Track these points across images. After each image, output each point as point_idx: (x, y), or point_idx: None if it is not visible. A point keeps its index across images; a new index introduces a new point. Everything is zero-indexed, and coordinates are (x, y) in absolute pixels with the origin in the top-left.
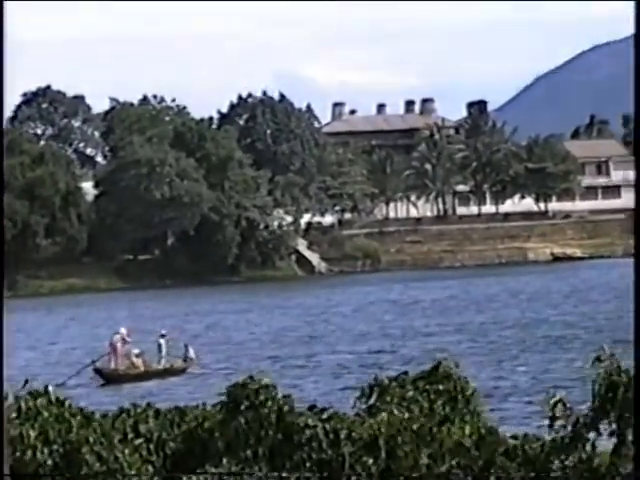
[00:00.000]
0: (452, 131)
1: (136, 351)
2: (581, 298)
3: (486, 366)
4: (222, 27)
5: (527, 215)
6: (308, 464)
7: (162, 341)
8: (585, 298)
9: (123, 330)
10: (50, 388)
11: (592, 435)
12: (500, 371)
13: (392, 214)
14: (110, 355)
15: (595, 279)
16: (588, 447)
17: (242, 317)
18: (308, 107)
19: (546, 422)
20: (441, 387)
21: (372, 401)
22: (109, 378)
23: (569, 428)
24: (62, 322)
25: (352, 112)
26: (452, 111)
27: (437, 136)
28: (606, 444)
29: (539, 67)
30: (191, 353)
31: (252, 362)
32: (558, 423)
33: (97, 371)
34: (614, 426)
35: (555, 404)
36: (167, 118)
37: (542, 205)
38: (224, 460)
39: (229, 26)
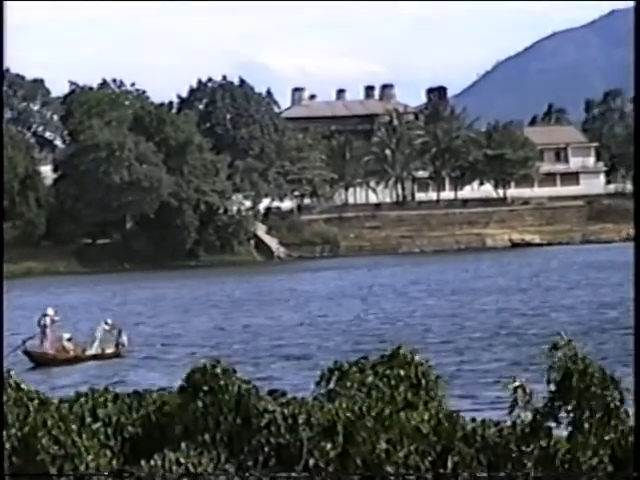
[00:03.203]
0: (412, 117)
1: (67, 335)
2: (536, 286)
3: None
4: (179, 14)
5: (486, 201)
6: (266, 448)
7: (100, 327)
8: (538, 287)
9: (50, 311)
10: (12, 373)
11: (551, 422)
12: (448, 359)
13: (351, 200)
14: (40, 337)
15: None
16: (545, 434)
17: (190, 303)
18: (268, 92)
19: (504, 408)
20: (402, 372)
21: (331, 386)
22: (38, 361)
23: (529, 414)
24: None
25: (312, 97)
26: (412, 97)
27: (396, 122)
28: (564, 431)
29: (499, 54)
30: (124, 339)
31: (185, 350)
32: (518, 409)
33: (26, 353)
34: (571, 415)
35: (515, 389)
36: (126, 102)
37: (501, 191)
38: (183, 444)
39: (186, 14)
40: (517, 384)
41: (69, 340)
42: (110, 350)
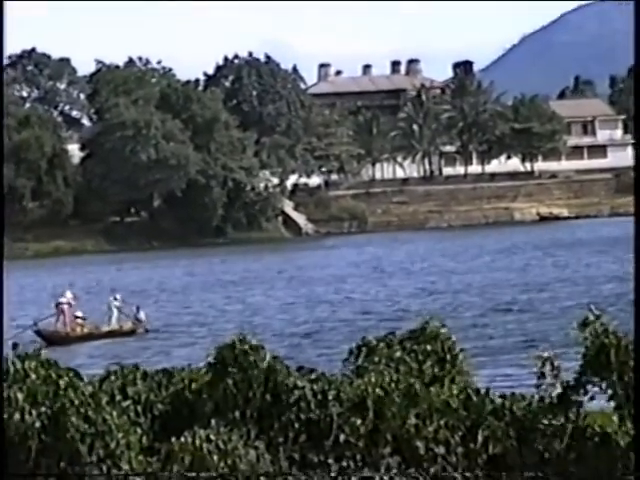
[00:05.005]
0: (438, 92)
1: (80, 314)
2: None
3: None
4: None
5: (513, 175)
6: (296, 425)
7: (111, 303)
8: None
9: (69, 294)
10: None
11: (581, 397)
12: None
13: (378, 175)
14: (56, 318)
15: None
16: (575, 408)
17: (214, 280)
18: (294, 68)
19: (534, 381)
20: (429, 347)
21: (360, 362)
22: (50, 340)
23: (557, 387)
24: (35, 285)
25: (338, 73)
26: (438, 72)
27: (423, 97)
28: (593, 405)
29: (525, 27)
30: (142, 315)
31: (206, 327)
32: (546, 381)
33: (38, 333)
34: (607, 389)
35: (543, 362)
36: (153, 80)
37: (528, 165)
38: (212, 421)
39: None
40: (545, 356)
41: (83, 319)
42: (127, 326)
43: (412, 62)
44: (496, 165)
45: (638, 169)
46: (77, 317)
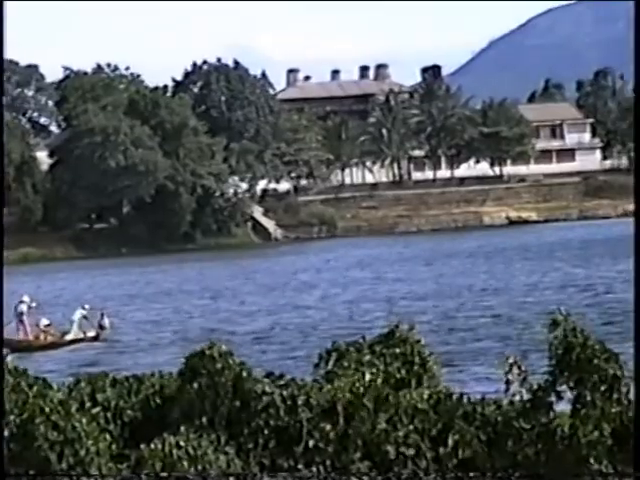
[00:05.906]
0: (406, 96)
1: (45, 321)
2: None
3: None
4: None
5: (482, 179)
6: (266, 430)
7: (78, 312)
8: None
9: (26, 298)
10: (9, 358)
11: (551, 398)
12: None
13: (348, 180)
14: (17, 325)
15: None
16: (546, 410)
17: (167, 288)
18: (263, 74)
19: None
20: (397, 351)
21: (330, 367)
22: (14, 348)
23: (524, 391)
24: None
25: (306, 78)
26: (407, 76)
27: (392, 101)
28: (565, 407)
29: (493, 31)
30: (106, 322)
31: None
32: (513, 386)
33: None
34: (573, 389)
35: (510, 368)
36: (121, 86)
37: (497, 169)
38: (182, 427)
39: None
40: (511, 361)
41: (47, 326)
42: (91, 334)
43: (380, 67)
44: (465, 169)
45: (637, 172)
46: (39, 324)
